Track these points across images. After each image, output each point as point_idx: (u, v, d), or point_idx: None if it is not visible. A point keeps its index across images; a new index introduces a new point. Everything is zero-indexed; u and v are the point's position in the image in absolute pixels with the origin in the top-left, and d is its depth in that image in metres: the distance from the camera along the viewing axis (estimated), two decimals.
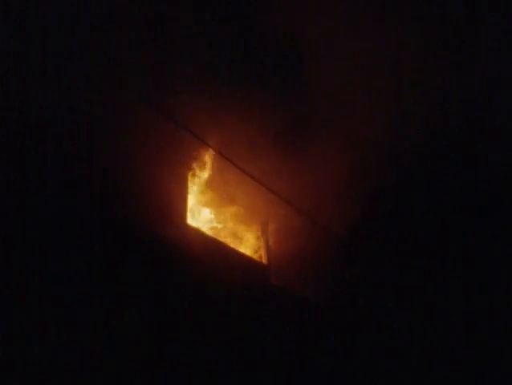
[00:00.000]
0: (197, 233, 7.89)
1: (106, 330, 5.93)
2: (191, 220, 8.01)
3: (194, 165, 8.34)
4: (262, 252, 8.67)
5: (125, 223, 6.73)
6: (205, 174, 8.52)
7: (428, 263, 9.21)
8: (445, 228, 9.39)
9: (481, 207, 9.58)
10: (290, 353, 7.61)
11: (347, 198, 8.88)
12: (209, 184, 8.57)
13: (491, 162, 9.42)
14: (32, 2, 5.67)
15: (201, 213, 8.41)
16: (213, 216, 8.51)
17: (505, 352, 8.93)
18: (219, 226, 8.51)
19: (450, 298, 9.18)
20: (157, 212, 7.23)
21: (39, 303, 5.44)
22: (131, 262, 6.57)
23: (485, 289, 9.22)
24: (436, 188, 9.52)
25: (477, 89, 9.07)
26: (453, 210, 9.51)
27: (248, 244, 8.78)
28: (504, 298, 9.17)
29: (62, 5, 5.92)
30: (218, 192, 8.64)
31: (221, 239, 8.34)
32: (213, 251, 7.83)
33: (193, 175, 8.36)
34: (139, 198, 7.00)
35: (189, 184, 8.25)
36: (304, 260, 8.67)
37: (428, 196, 9.47)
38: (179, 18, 7.97)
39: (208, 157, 8.47)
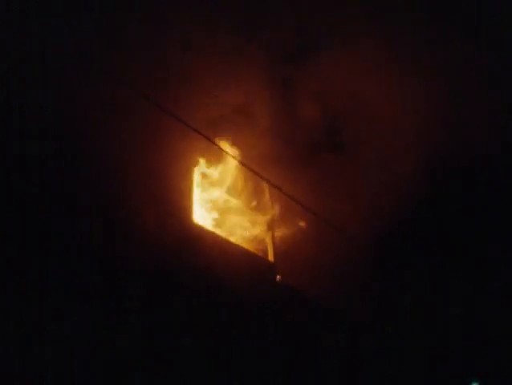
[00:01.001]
0: (203, 230, 7.88)
1: (109, 327, 5.95)
2: (197, 218, 8.00)
3: (200, 162, 8.32)
4: (269, 249, 8.63)
5: (130, 221, 6.73)
6: (212, 171, 8.50)
7: (437, 266, 9.17)
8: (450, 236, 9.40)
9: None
10: (294, 351, 7.59)
11: (357, 197, 8.84)
12: (216, 182, 8.56)
13: None
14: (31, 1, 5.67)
15: (207, 211, 8.39)
16: (219, 213, 8.49)
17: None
18: (225, 223, 8.50)
19: (457, 304, 9.11)
20: (163, 209, 7.22)
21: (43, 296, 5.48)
22: (136, 261, 6.57)
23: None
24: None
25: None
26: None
27: (254, 241, 8.75)
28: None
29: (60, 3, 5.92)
30: (225, 190, 8.62)
31: (228, 236, 8.32)
32: (220, 248, 7.80)
33: (199, 172, 8.34)
34: (144, 196, 7.00)
35: (195, 182, 8.24)
36: (310, 258, 8.64)
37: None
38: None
39: (214, 155, 8.44)
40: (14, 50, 5.63)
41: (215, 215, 8.43)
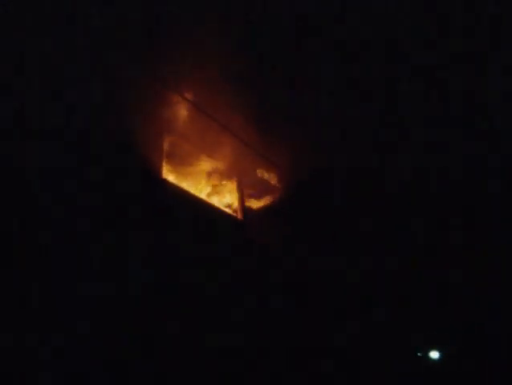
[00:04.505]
0: (173, 187, 7.89)
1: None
2: (167, 175, 8.01)
3: (171, 119, 8.26)
4: (237, 207, 8.72)
5: (99, 178, 6.68)
6: (182, 128, 8.45)
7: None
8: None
9: None
10: (262, 306, 7.71)
11: (319, 151, 8.97)
12: (186, 139, 8.52)
13: None
14: None
15: (177, 168, 8.38)
16: (189, 170, 8.49)
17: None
18: (195, 181, 8.51)
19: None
20: (133, 166, 7.18)
21: None
22: (106, 219, 6.56)
23: None
24: None
25: None
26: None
27: (223, 199, 8.82)
28: None
29: None
30: (195, 147, 8.61)
31: (197, 193, 8.36)
32: (189, 205, 7.85)
33: (170, 129, 8.29)
34: (113, 152, 6.95)
35: (165, 138, 8.20)
36: (276, 214, 8.78)
37: None
38: None
39: (184, 111, 8.39)
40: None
41: (185, 172, 8.43)
